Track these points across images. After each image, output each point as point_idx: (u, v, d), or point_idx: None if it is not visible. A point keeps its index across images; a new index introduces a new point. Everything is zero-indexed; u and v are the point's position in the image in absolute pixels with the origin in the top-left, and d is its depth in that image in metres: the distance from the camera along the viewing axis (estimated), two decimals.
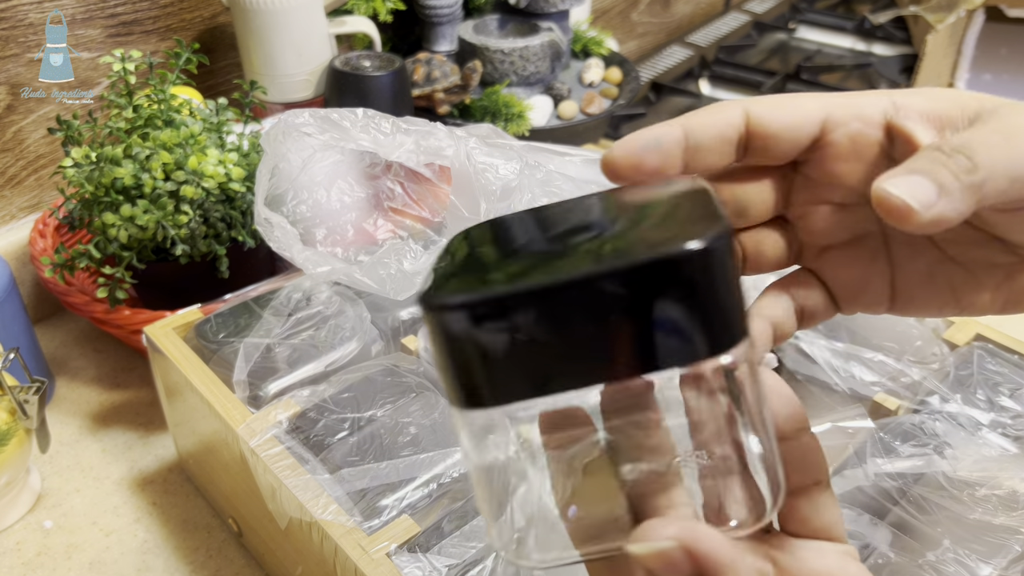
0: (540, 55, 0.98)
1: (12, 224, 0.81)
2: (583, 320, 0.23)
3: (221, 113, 0.71)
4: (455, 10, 1.01)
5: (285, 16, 0.84)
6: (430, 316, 0.24)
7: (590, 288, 0.22)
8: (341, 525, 0.46)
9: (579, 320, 0.23)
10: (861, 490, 0.49)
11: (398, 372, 0.57)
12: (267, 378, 0.57)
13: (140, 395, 0.75)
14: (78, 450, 0.70)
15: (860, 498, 0.49)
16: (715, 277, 0.23)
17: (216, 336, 0.60)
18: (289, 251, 0.58)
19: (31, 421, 0.61)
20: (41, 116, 0.80)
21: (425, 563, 0.44)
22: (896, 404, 0.55)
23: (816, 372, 0.57)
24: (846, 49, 1.48)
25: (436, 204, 0.68)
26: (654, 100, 1.30)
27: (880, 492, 0.48)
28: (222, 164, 0.66)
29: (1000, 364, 0.57)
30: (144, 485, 0.67)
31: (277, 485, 0.49)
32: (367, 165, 0.67)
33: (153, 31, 0.86)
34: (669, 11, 1.55)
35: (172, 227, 0.64)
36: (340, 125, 0.59)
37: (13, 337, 0.68)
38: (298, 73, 0.89)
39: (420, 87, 0.95)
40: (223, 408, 0.54)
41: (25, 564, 0.61)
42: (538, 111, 0.97)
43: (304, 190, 0.64)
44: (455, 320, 0.23)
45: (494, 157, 0.59)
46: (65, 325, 0.83)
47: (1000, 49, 1.13)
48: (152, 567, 0.60)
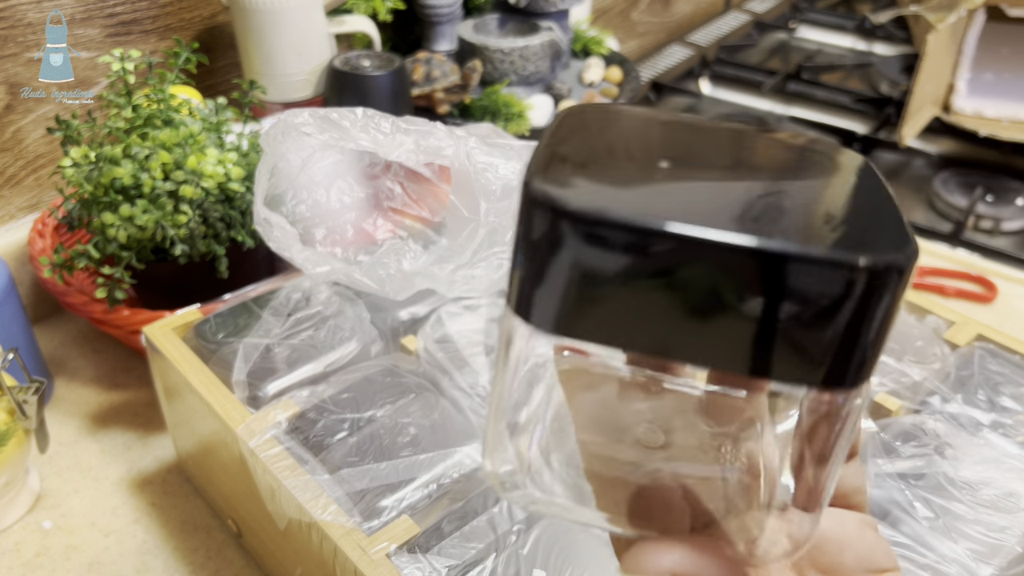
0: (540, 54, 0.98)
1: (11, 224, 0.81)
2: (728, 293, 0.19)
3: (220, 113, 0.71)
4: (455, 9, 1.01)
5: (284, 15, 0.84)
6: (547, 208, 0.20)
7: (757, 261, 0.19)
8: (340, 526, 0.46)
9: (723, 291, 0.19)
10: None
11: (397, 372, 0.57)
12: (266, 378, 0.57)
13: (139, 395, 0.75)
14: (77, 450, 0.70)
15: None
16: (889, 302, 0.20)
17: (215, 336, 0.59)
18: (288, 251, 0.58)
19: (30, 421, 0.61)
20: (40, 116, 0.80)
21: (425, 564, 0.44)
22: (897, 404, 0.55)
23: None
24: (847, 49, 1.48)
25: (436, 204, 0.68)
26: (654, 100, 1.30)
27: (880, 492, 0.48)
28: (221, 164, 0.66)
29: (1001, 364, 0.57)
30: (143, 486, 0.67)
31: (276, 486, 0.49)
32: (367, 165, 0.67)
33: (152, 30, 0.85)
34: (669, 10, 1.55)
35: (171, 227, 0.64)
36: (340, 125, 0.59)
37: (12, 337, 0.68)
38: (297, 73, 0.89)
39: (420, 87, 0.94)
40: (222, 408, 0.54)
41: (24, 565, 0.60)
42: (538, 111, 0.96)
43: (303, 190, 0.64)
44: (579, 230, 0.19)
45: (494, 157, 0.59)
46: (64, 325, 0.83)
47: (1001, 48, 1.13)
48: (151, 568, 0.60)
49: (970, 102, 1.13)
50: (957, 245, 0.96)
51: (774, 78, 1.30)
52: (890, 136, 1.16)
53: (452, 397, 0.55)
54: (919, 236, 0.97)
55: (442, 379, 0.56)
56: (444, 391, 0.55)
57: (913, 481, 0.49)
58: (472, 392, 0.56)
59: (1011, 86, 1.13)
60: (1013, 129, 1.09)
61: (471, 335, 0.60)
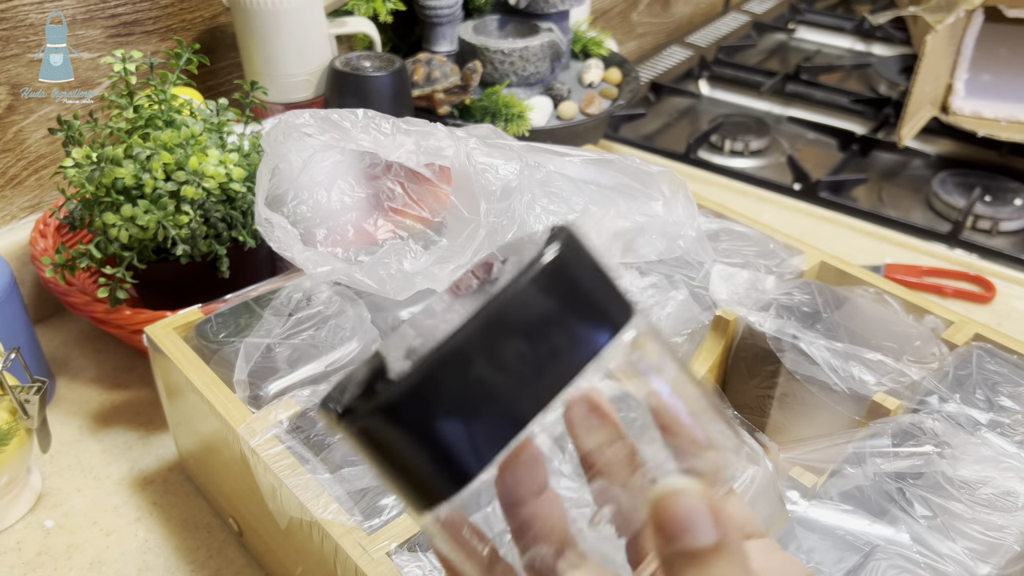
0: (540, 56, 0.98)
1: (13, 224, 0.82)
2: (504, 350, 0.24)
3: (222, 113, 0.71)
4: (455, 10, 1.01)
5: (286, 16, 0.85)
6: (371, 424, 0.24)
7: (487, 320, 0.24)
8: (341, 524, 0.46)
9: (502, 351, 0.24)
10: (860, 489, 0.49)
11: None
12: (267, 378, 0.57)
13: (141, 395, 0.76)
14: (79, 450, 0.70)
15: (859, 497, 0.49)
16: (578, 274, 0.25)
17: (217, 336, 0.60)
18: (290, 251, 0.59)
19: (32, 421, 0.61)
20: (42, 116, 0.80)
21: (425, 562, 0.44)
22: (895, 404, 0.55)
23: (815, 372, 0.57)
24: (845, 49, 1.49)
25: (436, 204, 0.68)
26: (654, 100, 1.30)
27: (879, 492, 0.49)
28: (223, 164, 0.66)
29: (999, 364, 0.57)
30: (144, 485, 0.67)
31: (277, 485, 0.49)
32: (367, 165, 0.67)
33: (154, 31, 0.86)
34: (669, 11, 1.55)
35: (173, 227, 0.64)
36: (340, 126, 0.59)
37: (14, 337, 0.69)
38: (298, 74, 0.89)
39: (420, 87, 0.95)
40: (224, 408, 0.54)
41: (25, 564, 0.61)
42: (538, 111, 0.97)
43: (304, 190, 0.64)
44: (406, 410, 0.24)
45: (494, 157, 0.59)
46: (66, 325, 0.84)
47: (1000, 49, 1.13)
48: (152, 567, 0.61)
49: (968, 103, 1.13)
50: (955, 245, 0.96)
51: (773, 79, 1.31)
52: (889, 136, 1.16)
53: None
54: (919, 236, 0.97)
55: None
56: None
57: (911, 480, 0.49)
58: None
59: (1009, 87, 1.13)
60: (1011, 129, 1.09)
61: None
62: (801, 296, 0.63)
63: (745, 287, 0.65)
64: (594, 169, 0.64)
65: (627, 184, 0.63)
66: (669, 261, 0.67)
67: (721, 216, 0.75)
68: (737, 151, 1.16)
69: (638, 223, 0.62)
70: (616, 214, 0.61)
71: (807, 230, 0.99)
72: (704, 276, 0.66)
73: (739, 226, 0.73)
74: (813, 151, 1.18)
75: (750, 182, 1.08)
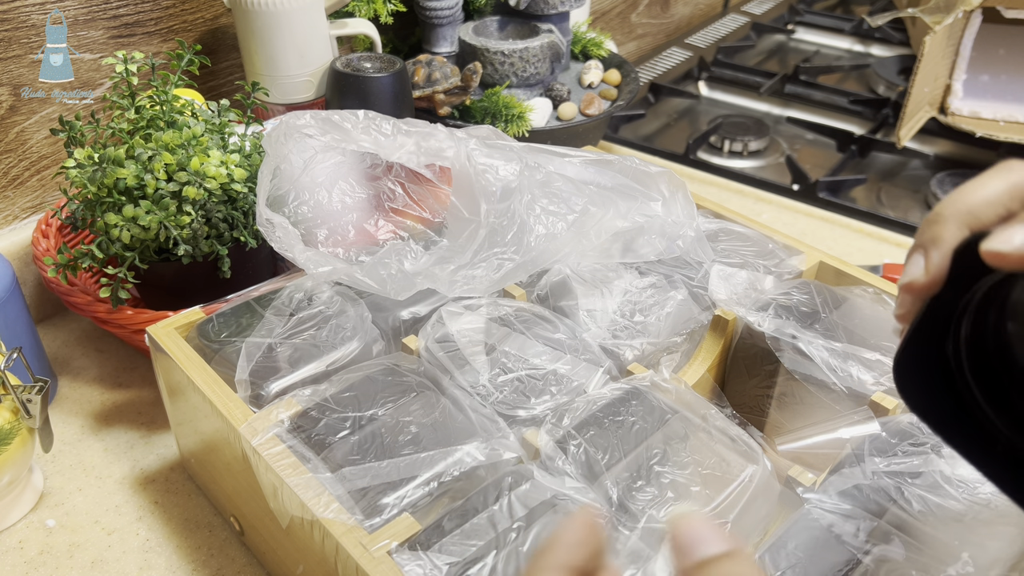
0: (540, 57, 0.99)
1: (15, 224, 0.82)
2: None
3: (223, 114, 0.72)
4: (455, 12, 1.01)
5: (287, 18, 0.85)
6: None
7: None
8: (342, 523, 0.46)
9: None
10: (859, 489, 0.49)
11: (399, 371, 0.57)
12: (269, 377, 0.57)
13: (142, 395, 0.76)
14: (80, 449, 0.70)
15: (858, 497, 0.49)
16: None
17: (218, 336, 0.60)
18: (291, 251, 0.59)
19: (34, 420, 0.61)
20: (44, 117, 0.80)
21: (426, 561, 0.45)
22: (894, 403, 0.55)
23: (814, 372, 0.58)
24: (844, 50, 1.49)
25: (436, 205, 0.68)
26: (653, 101, 1.31)
27: (878, 491, 0.49)
28: (224, 165, 0.67)
29: None
30: (146, 484, 0.67)
31: (279, 484, 0.49)
32: (368, 166, 0.67)
33: (155, 32, 0.86)
34: (668, 13, 1.55)
35: (174, 227, 0.65)
36: (341, 127, 0.59)
37: (16, 337, 0.69)
38: (299, 75, 0.89)
39: (421, 88, 0.95)
40: (225, 407, 0.54)
41: (27, 563, 0.61)
42: (538, 112, 0.97)
43: (305, 191, 0.64)
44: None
45: (494, 158, 0.59)
46: (68, 325, 0.84)
47: (998, 50, 1.13)
48: (154, 566, 0.61)
49: (967, 103, 1.13)
50: None
51: (772, 80, 1.31)
52: (887, 137, 1.16)
53: (453, 396, 0.55)
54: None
55: (443, 378, 0.57)
56: (445, 390, 0.56)
57: (910, 479, 0.49)
58: (472, 391, 0.56)
59: (1007, 87, 1.13)
60: (1009, 130, 1.09)
61: (472, 335, 0.60)
62: (800, 296, 0.63)
63: (744, 287, 0.65)
64: (594, 170, 0.64)
65: (626, 184, 0.64)
66: (668, 261, 0.68)
67: (720, 216, 0.75)
68: (736, 152, 1.16)
69: (637, 223, 0.62)
70: (616, 214, 0.61)
71: (806, 230, 1.00)
72: (703, 276, 0.67)
73: (738, 226, 0.73)
74: (812, 152, 1.18)
75: (749, 182, 1.08)
